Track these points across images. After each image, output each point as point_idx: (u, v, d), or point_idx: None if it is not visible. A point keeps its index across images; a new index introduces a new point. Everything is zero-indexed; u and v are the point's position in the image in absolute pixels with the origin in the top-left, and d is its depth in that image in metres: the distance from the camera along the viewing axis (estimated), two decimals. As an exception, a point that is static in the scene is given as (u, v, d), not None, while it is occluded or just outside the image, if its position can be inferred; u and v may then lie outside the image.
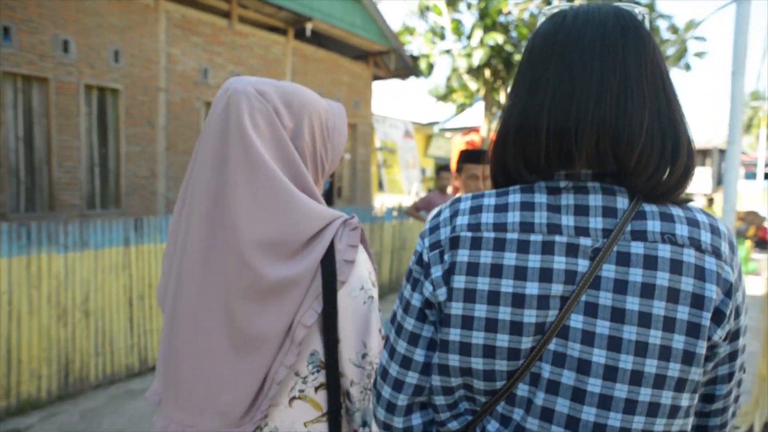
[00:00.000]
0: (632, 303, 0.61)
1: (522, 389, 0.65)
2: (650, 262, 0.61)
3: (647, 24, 0.68)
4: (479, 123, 12.20)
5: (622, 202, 0.65)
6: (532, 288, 0.64)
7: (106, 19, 6.53)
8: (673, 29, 9.90)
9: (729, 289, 0.62)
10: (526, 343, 0.64)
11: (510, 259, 0.65)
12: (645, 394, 0.60)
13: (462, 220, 0.70)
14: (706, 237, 0.63)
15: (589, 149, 0.64)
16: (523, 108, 0.68)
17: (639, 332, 0.60)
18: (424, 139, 16.83)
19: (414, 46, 12.68)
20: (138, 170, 7.04)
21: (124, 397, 3.53)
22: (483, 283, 0.65)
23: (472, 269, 0.66)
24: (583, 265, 0.63)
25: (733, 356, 0.67)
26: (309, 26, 8.88)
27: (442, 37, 12.11)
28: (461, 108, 14.58)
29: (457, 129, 15.81)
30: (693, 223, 0.64)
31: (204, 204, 0.86)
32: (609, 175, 0.67)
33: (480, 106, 13.63)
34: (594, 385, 0.61)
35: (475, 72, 10.88)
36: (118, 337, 3.69)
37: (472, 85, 11.59)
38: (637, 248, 0.62)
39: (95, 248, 3.40)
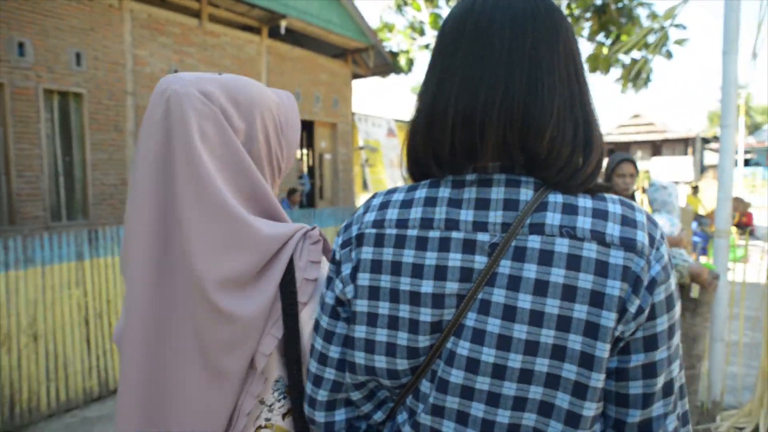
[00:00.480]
0: (524, 301, 0.59)
1: (425, 386, 0.66)
2: (545, 258, 0.59)
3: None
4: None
5: (525, 194, 0.63)
6: (427, 286, 0.63)
7: (66, 20, 6.21)
8: (654, 17, 9.79)
9: (637, 284, 0.57)
10: (424, 341, 0.64)
11: (408, 256, 0.65)
12: (535, 392, 0.59)
13: (370, 216, 0.70)
14: (613, 229, 0.59)
15: (496, 141, 0.62)
16: (432, 98, 0.65)
17: (530, 331, 0.58)
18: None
19: (393, 42, 12.45)
20: (106, 178, 6.72)
21: (78, 426, 3.21)
22: (385, 281, 0.66)
23: (376, 267, 0.67)
24: (480, 261, 0.62)
25: (649, 371, 0.59)
26: (283, 24, 8.62)
27: (422, 32, 11.91)
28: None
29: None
30: (600, 214, 0.60)
31: (148, 233, 0.76)
32: (522, 166, 0.64)
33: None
34: (482, 383, 0.60)
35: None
36: (74, 360, 3.39)
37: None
38: (534, 243, 0.60)
39: (42, 264, 3.10)
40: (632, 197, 3.04)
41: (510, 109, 0.60)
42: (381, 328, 0.66)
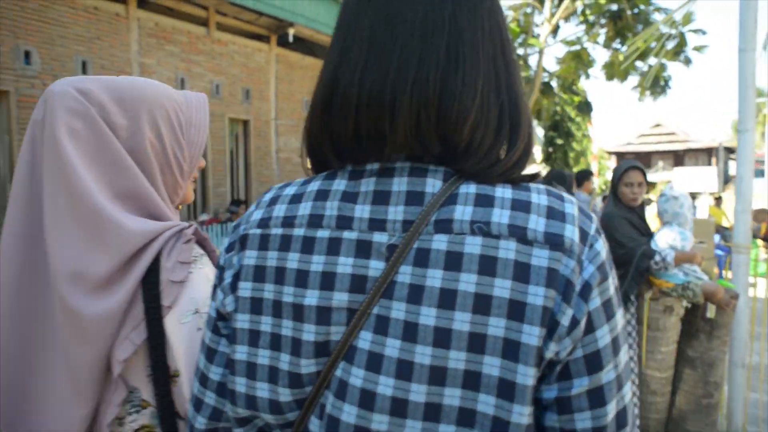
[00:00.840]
0: (427, 316, 0.49)
1: (314, 424, 0.55)
2: (453, 261, 0.49)
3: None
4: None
5: (432, 185, 0.54)
6: (311, 298, 0.54)
7: (71, 28, 6.24)
8: (672, 22, 9.51)
9: (568, 290, 0.48)
10: (308, 366, 0.54)
11: (293, 261, 0.55)
12: None
13: (257, 214, 0.61)
14: (536, 223, 0.50)
15: (409, 127, 0.52)
16: (333, 74, 0.56)
17: (435, 354, 0.48)
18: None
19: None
20: (110, 186, 6.71)
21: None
22: (269, 291, 0.56)
23: (259, 274, 0.57)
24: (375, 267, 0.52)
25: (596, 398, 0.50)
26: (291, 32, 8.57)
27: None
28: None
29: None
30: (521, 206, 0.51)
31: (16, 224, 0.79)
32: (435, 156, 0.55)
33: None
34: (380, 422, 0.49)
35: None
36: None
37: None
38: (439, 243, 0.50)
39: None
40: (642, 207, 2.82)
41: (425, 88, 0.51)
42: (263, 349, 0.56)
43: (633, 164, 2.79)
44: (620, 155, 29.97)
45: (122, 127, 0.82)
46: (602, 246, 0.52)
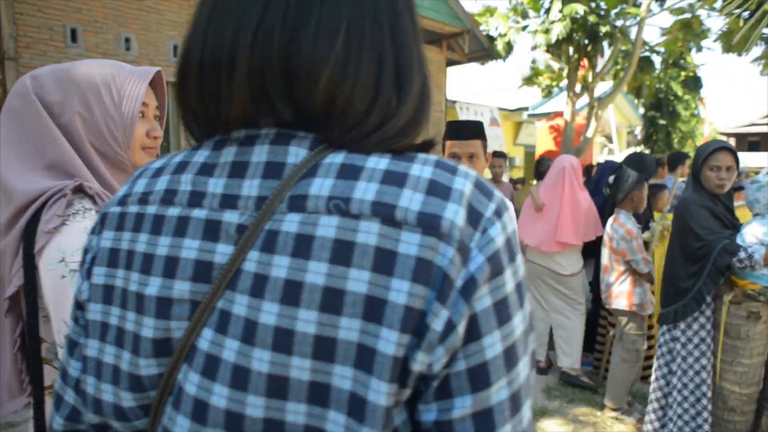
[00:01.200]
0: (269, 313, 0.41)
1: None
2: (302, 246, 0.41)
3: None
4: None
5: (296, 155, 0.46)
6: (152, 287, 0.47)
7: (165, 15, 6.68)
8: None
9: (444, 286, 0.39)
10: (147, 367, 0.47)
11: (142, 243, 0.49)
12: None
13: (121, 191, 0.55)
14: (410, 201, 0.41)
15: (250, 87, 0.45)
16: (188, 35, 0.49)
17: (274, 360, 0.40)
18: (513, 126, 15.84)
19: (493, 26, 11.84)
20: (198, 163, 7.19)
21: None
22: (120, 278, 0.50)
23: (113, 258, 0.51)
24: (223, 252, 0.45)
25: (483, 422, 0.40)
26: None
27: (525, 15, 11.15)
28: (547, 91, 13.41)
29: (545, 114, 14.64)
30: (394, 179, 0.42)
31: None
32: (297, 124, 0.47)
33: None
34: None
35: (556, 49, 9.81)
36: None
37: (554, 63, 10.48)
38: (290, 224, 0.42)
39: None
40: (729, 196, 2.43)
41: (268, 40, 0.44)
42: (109, 345, 0.50)
43: (722, 144, 2.40)
44: (740, 137, 26.62)
45: (57, 104, 0.93)
46: (499, 231, 0.43)
